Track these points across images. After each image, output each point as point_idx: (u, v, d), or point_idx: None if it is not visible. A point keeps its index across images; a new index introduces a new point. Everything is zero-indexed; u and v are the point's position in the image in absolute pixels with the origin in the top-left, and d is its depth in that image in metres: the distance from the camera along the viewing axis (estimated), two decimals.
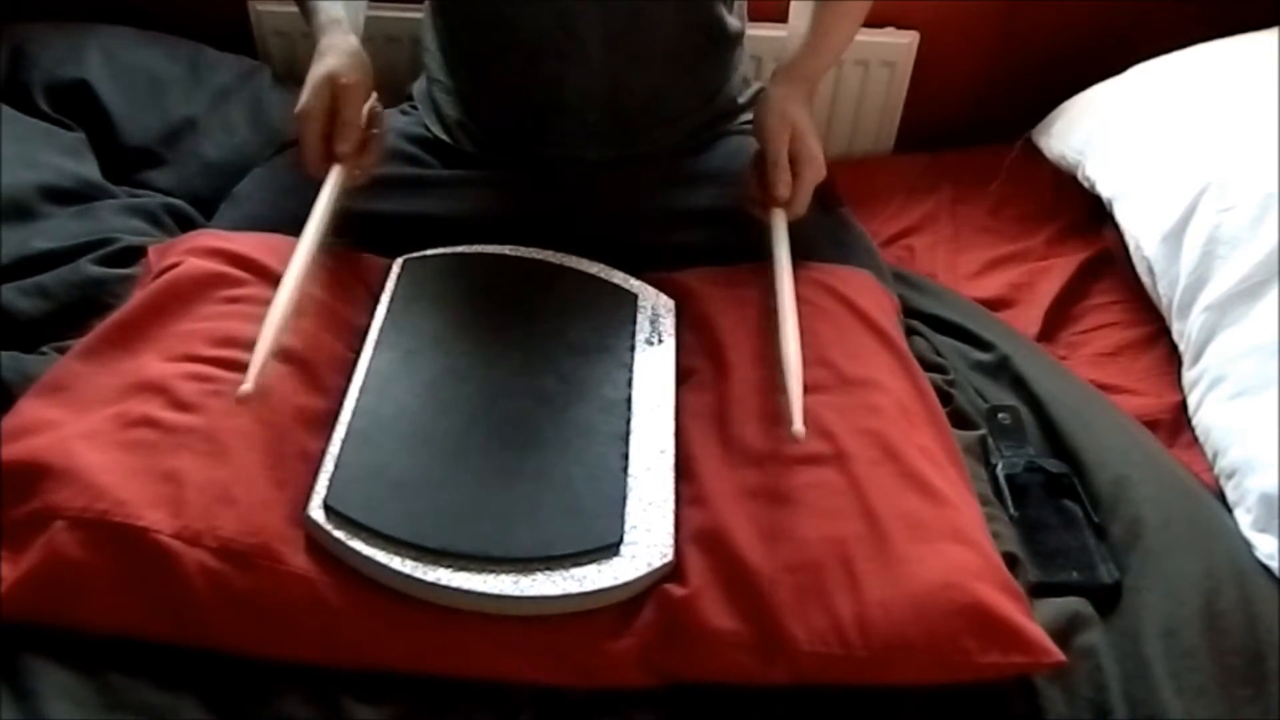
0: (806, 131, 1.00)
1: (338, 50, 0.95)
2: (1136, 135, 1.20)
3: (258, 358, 0.79)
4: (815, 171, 1.00)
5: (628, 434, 0.85)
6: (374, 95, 0.99)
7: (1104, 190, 1.19)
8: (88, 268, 0.98)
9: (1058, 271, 1.19)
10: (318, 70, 0.94)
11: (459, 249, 1.02)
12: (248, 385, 0.77)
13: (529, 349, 0.93)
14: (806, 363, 0.91)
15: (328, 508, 0.76)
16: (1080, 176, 1.24)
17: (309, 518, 0.76)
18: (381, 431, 0.83)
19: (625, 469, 0.82)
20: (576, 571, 0.75)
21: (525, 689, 0.74)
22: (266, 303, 0.92)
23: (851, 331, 0.95)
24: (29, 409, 0.82)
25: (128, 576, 0.73)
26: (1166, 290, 1.06)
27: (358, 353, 0.91)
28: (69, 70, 1.20)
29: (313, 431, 0.84)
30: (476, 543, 0.75)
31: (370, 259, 1.02)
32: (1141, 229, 1.11)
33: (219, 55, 1.32)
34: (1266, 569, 0.83)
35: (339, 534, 0.75)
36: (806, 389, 0.88)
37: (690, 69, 1.12)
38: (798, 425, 0.80)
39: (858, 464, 0.82)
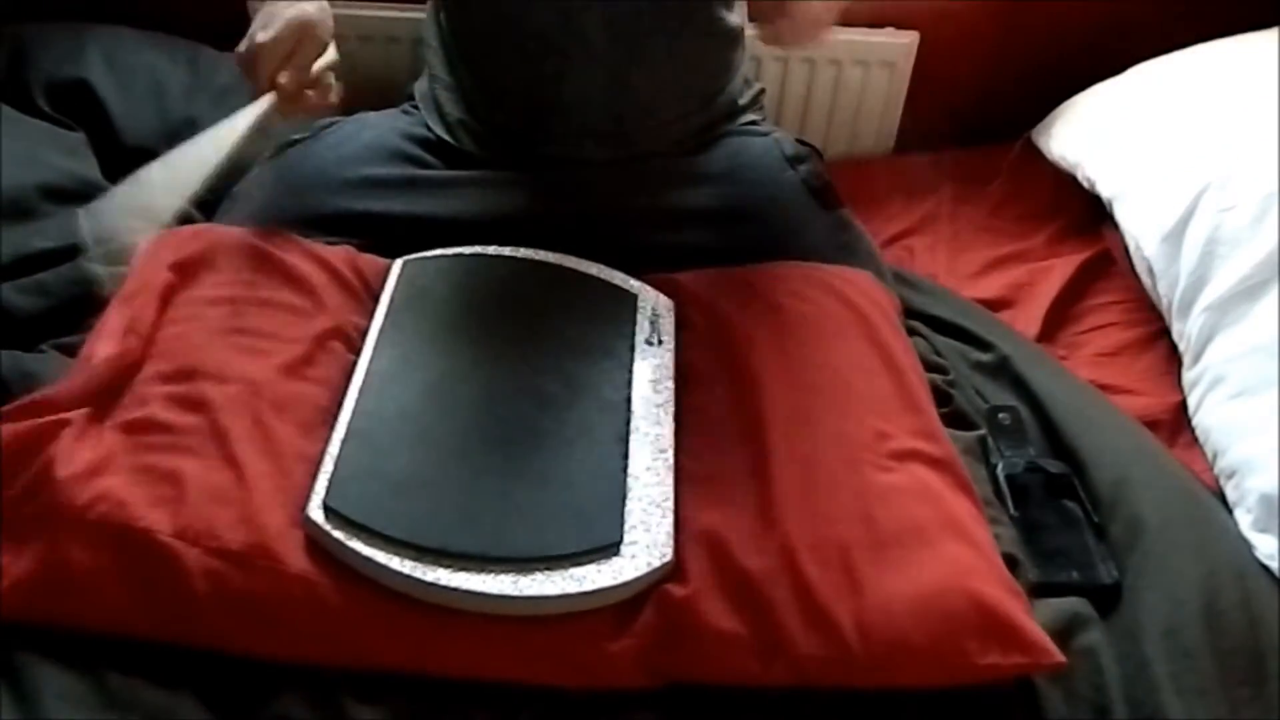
0: None
1: None
2: (1136, 135, 1.19)
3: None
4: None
5: (627, 434, 0.85)
6: (331, 47, 0.98)
7: (1104, 190, 1.19)
8: (87, 266, 0.98)
9: (1058, 271, 1.19)
10: (289, 12, 0.92)
11: (459, 250, 1.02)
12: None
13: (529, 349, 0.93)
14: (807, 364, 0.91)
15: (327, 508, 0.76)
16: (1080, 176, 1.24)
17: (308, 518, 0.76)
18: (381, 432, 0.83)
19: (625, 469, 0.82)
20: (576, 571, 0.75)
21: (525, 689, 0.74)
22: (266, 304, 0.92)
23: (850, 333, 0.95)
24: (30, 410, 0.82)
25: (128, 577, 0.73)
26: (1166, 290, 1.06)
27: (358, 353, 0.91)
28: (69, 70, 1.20)
29: (312, 432, 0.84)
30: (476, 543, 0.75)
31: (370, 259, 1.02)
32: (1141, 229, 1.11)
33: (219, 55, 1.31)
34: (1266, 569, 0.83)
35: (338, 534, 0.75)
36: (806, 389, 0.88)
37: (691, 69, 1.12)
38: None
39: (856, 466, 0.82)
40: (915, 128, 1.48)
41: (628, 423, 0.86)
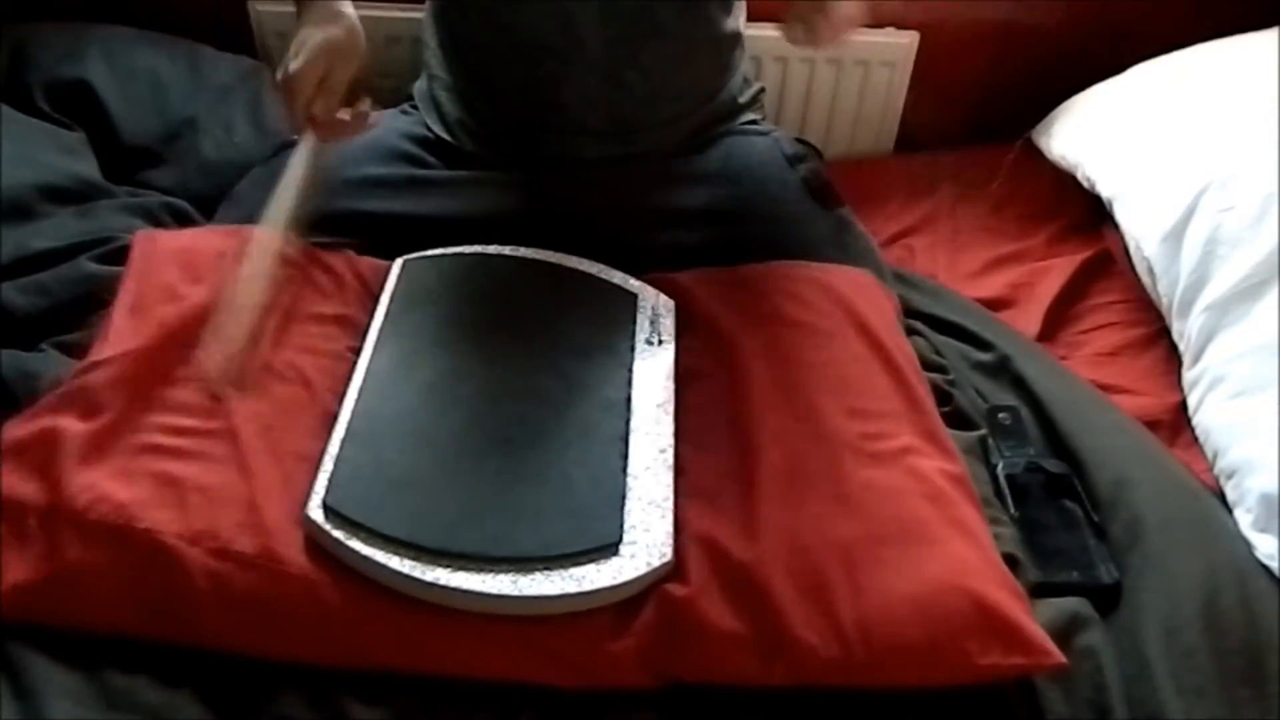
0: None
1: (339, 20, 0.94)
2: (1136, 135, 1.19)
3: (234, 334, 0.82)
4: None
5: (627, 434, 0.85)
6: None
7: (1104, 190, 1.19)
8: (86, 265, 0.98)
9: (1058, 271, 1.19)
10: (317, 37, 0.92)
11: (459, 249, 1.02)
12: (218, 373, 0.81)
13: (529, 349, 0.93)
14: (807, 363, 0.91)
15: (326, 508, 0.76)
16: (1080, 176, 1.24)
17: (307, 518, 0.76)
18: (381, 431, 0.83)
19: (625, 469, 0.82)
20: (576, 571, 0.75)
21: (525, 689, 0.74)
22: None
23: (849, 332, 0.95)
24: (33, 412, 0.82)
25: (129, 577, 0.74)
26: (1166, 290, 1.06)
27: (358, 353, 0.91)
28: (69, 70, 1.20)
29: (312, 431, 0.84)
30: (475, 542, 0.75)
31: (369, 260, 1.02)
32: (1141, 229, 1.11)
33: (219, 55, 1.31)
34: (1266, 569, 0.83)
35: (338, 534, 0.75)
36: (806, 388, 0.88)
37: (689, 69, 1.12)
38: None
39: (855, 466, 0.82)
40: (915, 128, 1.48)
41: (627, 422, 0.86)
